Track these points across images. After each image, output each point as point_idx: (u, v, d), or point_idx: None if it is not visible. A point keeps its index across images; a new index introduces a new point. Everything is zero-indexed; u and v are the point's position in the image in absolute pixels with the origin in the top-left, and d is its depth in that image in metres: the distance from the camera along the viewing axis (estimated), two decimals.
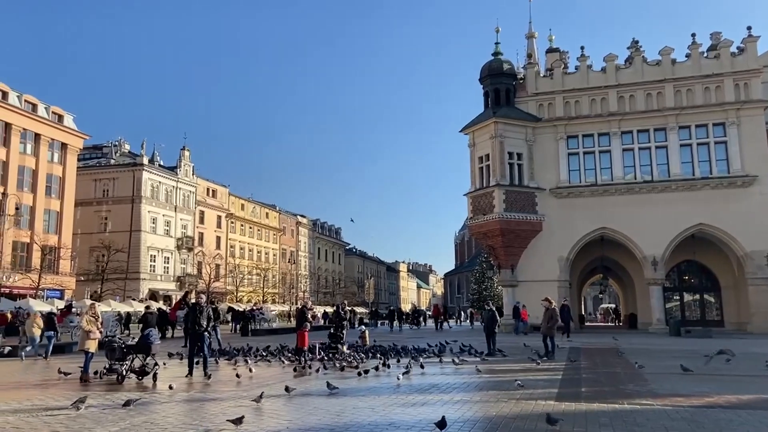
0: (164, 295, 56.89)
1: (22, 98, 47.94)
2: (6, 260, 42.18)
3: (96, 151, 64.95)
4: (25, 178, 47.26)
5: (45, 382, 12.24)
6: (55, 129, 50.30)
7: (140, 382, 11.74)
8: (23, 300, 36.73)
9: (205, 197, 68.99)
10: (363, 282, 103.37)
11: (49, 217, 49.07)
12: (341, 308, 19.12)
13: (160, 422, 7.72)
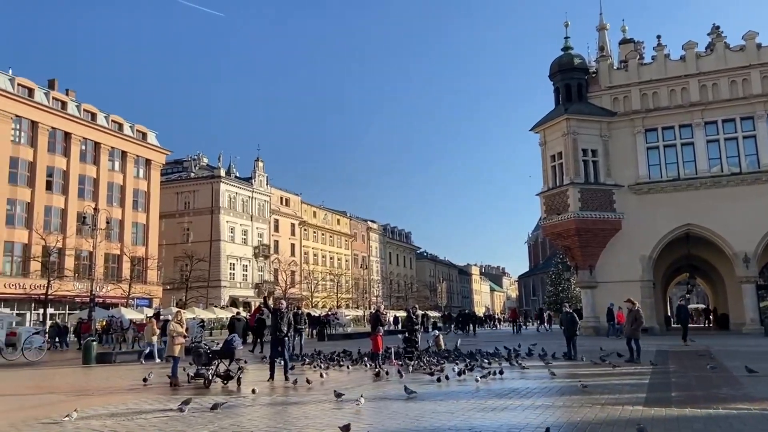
0: (244, 302, 58.83)
1: (109, 118, 51.10)
2: (99, 271, 44.84)
3: (177, 165, 68.27)
4: (114, 193, 50.27)
5: (138, 386, 12.89)
6: (140, 146, 53.27)
7: (225, 386, 12.16)
8: (115, 309, 39.05)
9: (279, 206, 70.91)
10: (435, 286, 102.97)
11: (136, 230, 51.97)
12: (413, 312, 19.08)
13: (246, 425, 7.97)
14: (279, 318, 13.24)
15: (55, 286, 39.53)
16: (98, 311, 37.43)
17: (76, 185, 46.56)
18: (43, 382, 14.98)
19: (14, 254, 42.13)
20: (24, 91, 43.88)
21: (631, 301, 17.26)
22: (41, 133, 44.11)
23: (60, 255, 43.45)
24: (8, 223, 41.33)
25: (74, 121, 47.00)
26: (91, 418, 8.72)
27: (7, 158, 41.57)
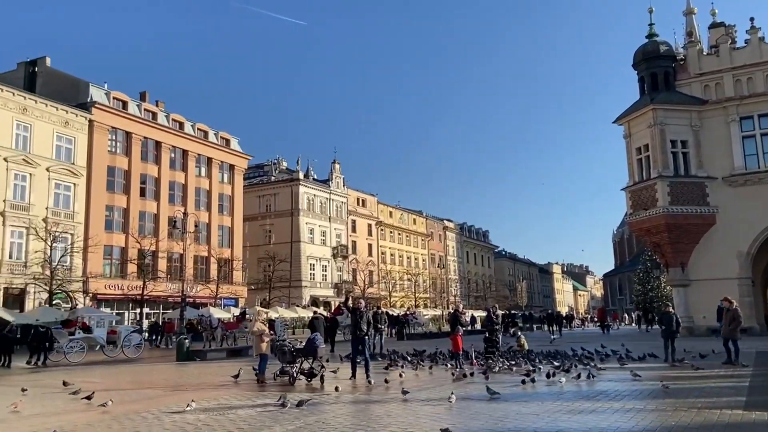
0: (324, 301, 60.10)
1: (195, 127, 53.66)
2: (189, 273, 47.31)
3: (258, 169, 70.77)
4: (201, 198, 52.73)
5: (228, 382, 13.46)
6: (224, 152, 55.61)
7: (309, 383, 12.48)
8: (204, 308, 40.92)
9: (356, 207, 71.91)
10: (514, 285, 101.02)
11: (222, 233, 54.29)
12: (493, 312, 18.81)
13: (331, 422, 8.15)
14: (358, 317, 13.40)
15: (150, 287, 41.91)
16: (189, 311, 39.40)
17: (166, 191, 49.21)
18: (141, 377, 15.93)
19: (113, 257, 45.04)
20: (119, 104, 46.86)
21: (729, 300, 16.26)
22: (135, 142, 46.94)
23: (154, 257, 46.05)
24: (107, 228, 44.23)
25: (164, 130, 49.70)
26: (185, 413, 9.20)
27: (105, 167, 44.52)
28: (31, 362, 20.60)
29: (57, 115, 41.47)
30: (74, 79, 45.84)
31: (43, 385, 13.94)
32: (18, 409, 9.93)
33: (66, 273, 38.74)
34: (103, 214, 44.14)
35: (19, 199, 38.66)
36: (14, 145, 38.78)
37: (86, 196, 42.75)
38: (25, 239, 38.32)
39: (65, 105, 42.14)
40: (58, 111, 41.55)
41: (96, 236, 41.48)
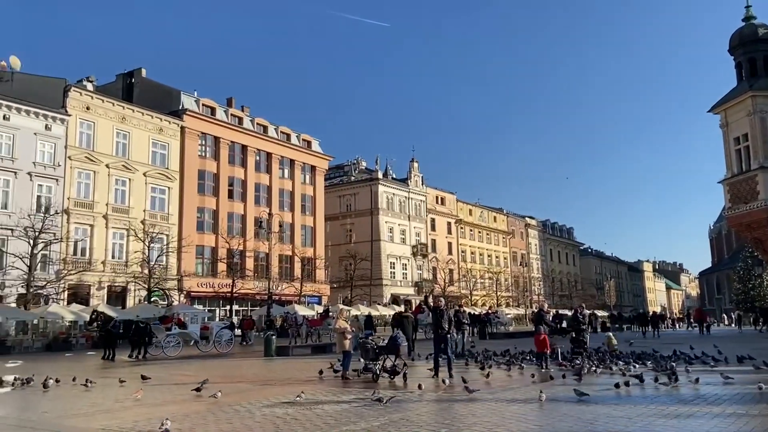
0: (404, 300, 60.40)
1: (278, 130, 55.43)
2: (274, 271, 48.90)
3: (338, 170, 72.11)
4: (285, 199, 54.45)
5: (313, 378, 13.83)
6: (306, 154, 57.14)
7: (392, 381, 12.60)
8: (290, 306, 42.21)
9: (435, 205, 71.75)
10: (601, 284, 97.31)
11: (305, 232, 55.80)
12: (579, 311, 18.22)
13: (414, 420, 8.20)
14: (439, 316, 13.38)
15: (239, 285, 43.79)
16: (275, 308, 40.77)
17: (252, 193, 51.18)
18: (232, 371, 16.65)
19: (204, 257, 47.38)
20: (207, 111, 49.22)
21: None
22: (222, 147, 49.13)
23: (241, 256, 48.04)
24: (199, 229, 46.58)
25: (249, 134, 51.71)
26: (274, 407, 9.55)
27: (195, 171, 46.91)
28: (132, 356, 22.02)
29: (152, 122, 44.14)
30: (167, 88, 48.56)
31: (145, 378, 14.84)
32: (139, 396, 10.78)
33: (162, 272, 41.19)
34: (195, 216, 46.49)
35: (119, 202, 41.48)
36: (115, 152, 41.64)
37: (179, 198, 45.24)
38: (126, 240, 41.07)
39: (159, 113, 44.79)
40: (153, 119, 44.22)
41: (189, 237, 43.87)
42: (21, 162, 36.54)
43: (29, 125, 37.20)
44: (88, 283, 38.68)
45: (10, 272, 33.37)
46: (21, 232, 33.23)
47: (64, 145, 38.75)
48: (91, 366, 19.57)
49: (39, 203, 36.46)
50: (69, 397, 11.69)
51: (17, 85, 39.79)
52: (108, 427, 8.05)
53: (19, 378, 13.63)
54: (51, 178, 37.96)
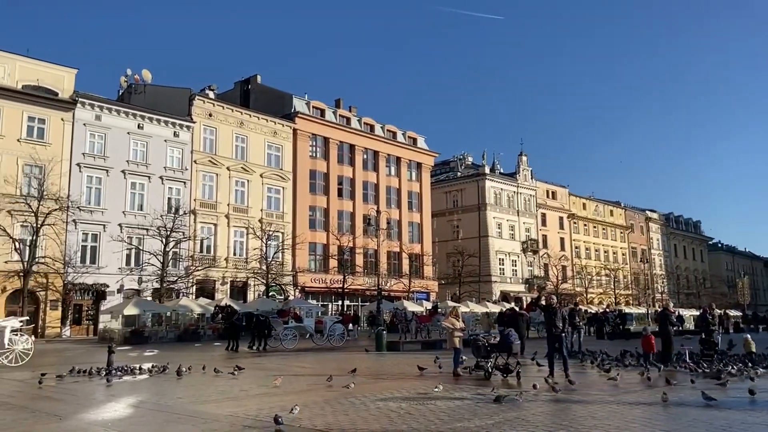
0: (515, 297, 59.18)
1: (384, 128, 56.27)
2: (383, 268, 49.84)
3: (444, 166, 71.96)
4: (392, 196, 55.18)
5: (425, 374, 13.92)
6: (411, 151, 57.54)
7: (505, 379, 12.41)
8: (398, 302, 42.75)
9: (545, 199, 69.60)
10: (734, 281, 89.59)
11: (412, 229, 56.23)
12: (709, 311, 16.93)
13: (531, 419, 8.03)
14: (552, 315, 12.99)
15: (349, 281, 45.02)
16: (384, 304, 41.46)
17: (360, 191, 52.38)
18: (345, 365, 17.14)
19: (316, 253, 49.18)
20: (317, 112, 51.01)
21: None
22: (332, 147, 50.70)
23: (351, 253, 49.34)
24: (311, 226, 48.42)
25: (357, 134, 52.96)
26: (388, 400, 9.73)
27: (307, 171, 48.80)
28: (252, 347, 23.34)
29: (267, 126, 46.52)
30: (280, 92, 50.90)
31: (266, 369, 15.69)
32: (278, 383, 11.66)
33: (279, 268, 43.30)
34: (307, 214, 48.38)
35: (239, 202, 44.15)
36: (234, 156, 44.34)
37: (293, 198, 47.34)
38: (245, 238, 43.65)
39: (273, 117, 47.12)
40: (268, 123, 46.59)
41: (302, 234, 45.80)
42: (153, 167, 39.91)
43: (160, 133, 40.55)
44: (213, 279, 41.50)
45: (146, 268, 36.65)
46: (155, 232, 36.41)
47: (190, 150, 41.88)
48: (218, 356, 20.97)
49: (169, 204, 39.69)
50: (199, 384, 12.62)
51: (149, 96, 43.53)
52: (235, 414, 8.60)
53: (155, 366, 14.91)
54: (179, 181, 41.13)
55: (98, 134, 38.10)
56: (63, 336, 33.94)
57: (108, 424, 8.18)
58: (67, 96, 37.11)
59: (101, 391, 11.91)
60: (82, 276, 35.05)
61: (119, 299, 36.03)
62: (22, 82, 35.64)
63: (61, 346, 27.66)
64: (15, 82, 35.38)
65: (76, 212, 35.26)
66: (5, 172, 33.59)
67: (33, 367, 15.98)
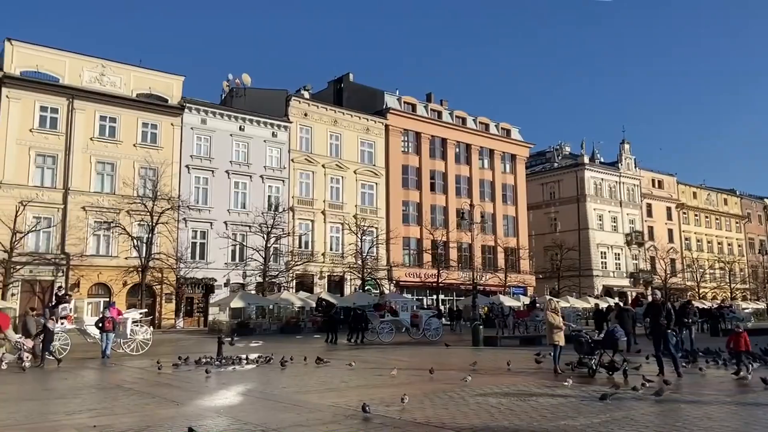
0: (619, 292, 56.59)
1: (477, 121, 55.54)
2: (478, 262, 49.27)
3: (540, 157, 69.96)
4: (485, 189, 54.41)
5: (524, 370, 13.66)
6: (505, 143, 56.45)
7: (610, 377, 11.92)
8: (494, 296, 42.17)
9: (651, 189, 65.98)
10: None
11: (507, 222, 55.18)
12: None
13: (639, 419, 7.67)
14: (657, 310, 12.33)
15: (444, 275, 44.95)
16: (480, 298, 41.01)
17: (453, 185, 52.07)
18: (442, 359, 17.16)
19: (410, 248, 49.48)
20: (408, 108, 51.23)
21: None
22: (423, 141, 50.75)
23: (445, 247, 49.21)
24: (404, 221, 48.77)
25: (448, 127, 52.68)
26: (487, 395, 9.64)
27: (399, 166, 49.16)
28: (350, 340, 23.89)
29: (360, 123, 47.35)
30: (372, 90, 51.58)
31: (365, 361, 16.02)
32: (395, 373, 12.16)
33: (374, 262, 44.01)
34: (401, 209, 48.77)
35: (334, 199, 45.29)
36: (329, 153, 45.52)
37: (386, 193, 47.90)
38: (341, 233, 44.74)
39: (366, 114, 47.89)
40: (361, 120, 47.42)
41: (395, 229, 46.28)
42: (254, 167, 41.80)
43: (260, 134, 42.39)
44: (312, 273, 42.88)
45: (250, 263, 38.52)
46: (257, 228, 38.21)
47: (287, 150, 43.48)
48: (317, 348, 21.64)
49: (269, 202, 41.46)
50: (302, 375, 13.11)
51: (249, 99, 45.58)
52: (337, 404, 8.86)
53: (261, 356, 15.64)
54: (278, 180, 42.82)
55: (204, 137, 40.39)
56: (177, 327, 36.34)
57: (220, 410, 8.69)
58: (175, 102, 39.60)
59: (213, 378, 12.66)
60: (192, 271, 37.39)
61: (226, 292, 38.07)
62: (136, 90, 38.40)
63: (175, 337, 29.68)
64: (130, 91, 38.17)
65: (186, 211, 37.58)
66: (123, 175, 36.41)
67: (151, 355, 17.27)
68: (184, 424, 7.38)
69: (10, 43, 34.58)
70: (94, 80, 36.88)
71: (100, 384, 12.35)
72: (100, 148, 36.37)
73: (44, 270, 33.45)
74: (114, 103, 37.02)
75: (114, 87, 37.51)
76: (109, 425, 7.46)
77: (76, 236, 34.38)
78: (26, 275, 32.59)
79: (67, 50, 36.79)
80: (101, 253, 35.68)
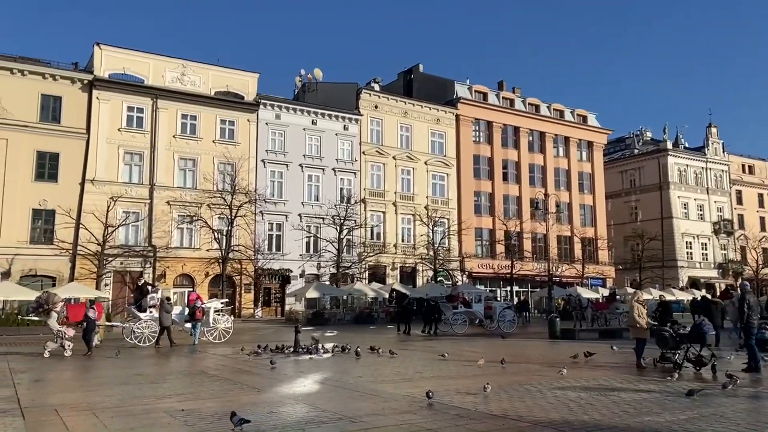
0: (706, 284, 53.72)
1: (551, 108, 54.07)
2: (553, 252, 48.10)
3: (619, 144, 67.28)
4: (561, 178, 52.95)
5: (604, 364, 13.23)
6: (581, 129, 54.66)
7: (697, 372, 11.37)
8: (571, 288, 41.01)
9: (741, 175, 62.18)
10: None
11: (584, 212, 53.52)
12: None
13: (730, 416, 7.28)
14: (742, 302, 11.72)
15: (518, 266, 44.17)
16: (555, 290, 40.03)
17: (527, 174, 50.97)
18: (518, 351, 16.91)
19: (483, 238, 48.94)
20: (479, 96, 50.52)
21: None
22: (495, 130, 49.92)
23: (519, 238, 48.33)
24: (476, 212, 48.26)
25: (521, 115, 51.55)
26: (566, 389, 9.41)
27: (470, 156, 48.61)
28: (425, 331, 23.96)
29: (430, 114, 47.17)
30: (442, 80, 51.21)
31: (438, 352, 16.00)
32: (481, 363, 12.15)
33: (446, 253, 43.88)
34: (472, 200, 48.27)
35: (405, 190, 45.43)
36: (399, 145, 45.66)
37: (457, 183, 47.57)
38: (412, 224, 44.86)
39: (436, 104, 47.63)
40: (431, 110, 47.21)
41: (467, 220, 45.88)
42: (326, 160, 42.55)
43: (331, 127, 43.07)
44: (384, 264, 43.25)
45: (324, 255, 39.33)
46: (330, 220, 38.94)
47: (358, 142, 43.96)
48: (391, 338, 21.86)
49: (341, 194, 42.13)
50: (376, 365, 13.28)
51: (320, 93, 46.41)
52: (411, 395, 8.92)
53: (337, 346, 15.97)
54: (350, 172, 43.40)
55: (278, 132, 41.48)
56: (255, 316, 37.68)
57: (299, 397, 8.95)
58: (251, 98, 40.87)
59: (291, 366, 13.06)
60: (269, 262, 38.61)
61: (301, 283, 39.08)
62: (214, 89, 39.91)
63: (254, 326, 30.79)
64: (209, 90, 39.72)
65: (263, 204, 38.82)
66: (204, 170, 38.02)
67: (233, 343, 18.01)
68: (265, 410, 7.67)
69: (99, 48, 36.73)
70: (175, 80, 38.61)
71: (186, 370, 13.01)
72: (182, 145, 38.10)
73: (133, 262, 35.46)
74: (194, 102, 38.64)
75: (194, 86, 39.12)
76: (196, 409, 7.85)
77: (161, 229, 36.21)
78: (117, 267, 34.66)
79: (150, 52, 38.71)
80: (185, 245, 37.44)
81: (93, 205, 33.38)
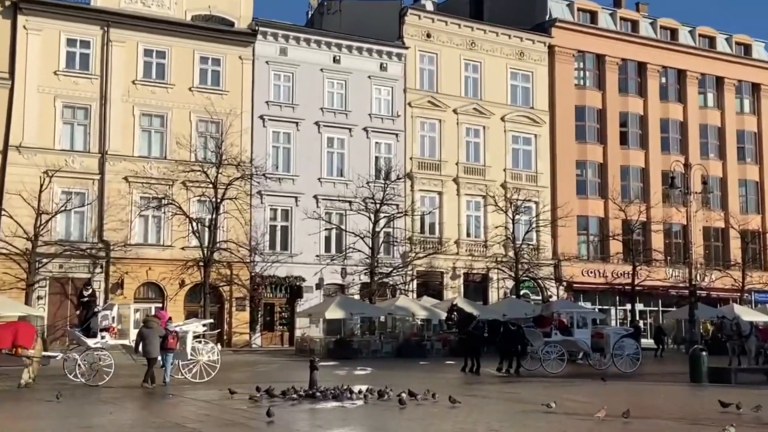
0: None
1: (694, 33, 53.07)
2: (697, 253, 46.71)
3: None
4: (710, 140, 52.06)
5: None
6: (742, 65, 53.82)
7: None
8: (726, 306, 40.02)
9: None
10: None
11: (746, 192, 52.51)
12: None
13: None
14: None
15: (643, 274, 43.41)
16: (701, 309, 39.09)
17: (657, 134, 50.18)
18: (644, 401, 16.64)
19: (589, 232, 48.30)
20: (585, 17, 49.85)
21: None
22: (609, 69, 49.20)
23: (644, 231, 47.48)
24: (579, 192, 47.63)
25: (649, 45, 50.75)
26: None
27: (571, 109, 47.95)
28: (501, 368, 23.80)
29: (509, 45, 46.72)
30: None
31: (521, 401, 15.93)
32: (601, 417, 11.94)
33: (533, 254, 43.42)
34: (573, 174, 47.79)
35: (472, 160, 45.20)
36: (463, 93, 45.41)
37: (550, 150, 47.14)
38: (482, 212, 44.49)
39: (519, 30, 46.99)
40: (511, 39, 46.77)
41: (566, 204, 45.11)
42: (355, 115, 42.63)
43: (362, 67, 43.09)
44: (440, 270, 43.15)
45: (352, 256, 39.27)
46: (360, 206, 38.67)
47: (402, 89, 43.87)
48: (451, 379, 21.81)
49: (377, 167, 42.03)
50: (430, 417, 13.25)
51: (346, 17, 46.32)
52: None
53: (371, 389, 15.98)
54: (390, 134, 43.41)
55: (284, 74, 41.78)
56: (253, 345, 38.13)
57: None
58: (244, 26, 41.17)
59: (304, 419, 13.13)
60: (272, 266, 38.85)
61: (319, 297, 39.33)
62: (191, 11, 40.10)
63: (251, 358, 31.19)
64: (183, 13, 39.95)
65: (262, 181, 39.01)
66: (177, 132, 38.42)
67: (220, 383, 18.21)
68: None
69: None
70: (135, 0, 39.04)
71: (155, 421, 13.21)
72: (145, 95, 38.78)
73: (78, 264, 36.20)
74: (162, 31, 39.23)
75: (162, 8, 39.68)
76: None
77: (117, 218, 36.88)
78: (55, 272, 35.44)
79: None
80: (150, 242, 38.14)
81: (20, 182, 34.13)
